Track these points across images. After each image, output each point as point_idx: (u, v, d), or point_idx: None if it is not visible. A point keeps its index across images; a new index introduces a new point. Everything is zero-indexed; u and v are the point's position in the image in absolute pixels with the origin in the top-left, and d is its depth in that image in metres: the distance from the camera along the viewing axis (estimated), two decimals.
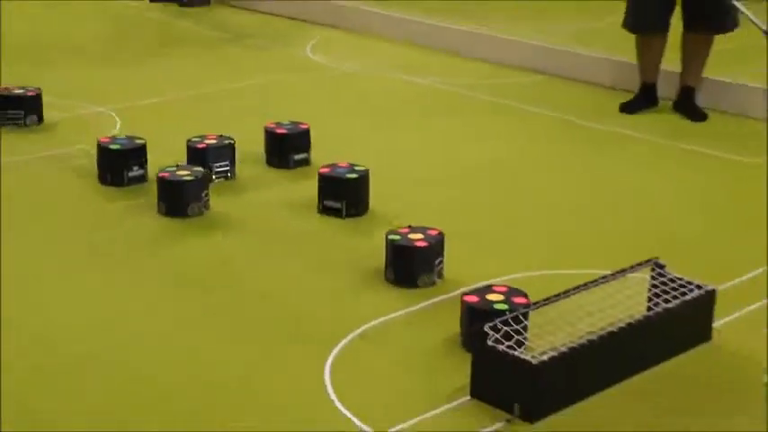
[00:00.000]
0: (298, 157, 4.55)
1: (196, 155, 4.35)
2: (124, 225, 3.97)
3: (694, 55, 5.43)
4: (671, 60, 5.54)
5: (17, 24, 7.63)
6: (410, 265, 3.49)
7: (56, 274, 3.58)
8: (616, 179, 4.64)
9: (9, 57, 6.59)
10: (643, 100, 5.59)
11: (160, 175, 4.02)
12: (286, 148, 4.57)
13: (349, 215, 4.01)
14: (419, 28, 7.08)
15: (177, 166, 4.09)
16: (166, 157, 4.28)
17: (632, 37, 5.50)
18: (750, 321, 3.29)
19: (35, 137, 4.99)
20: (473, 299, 3.10)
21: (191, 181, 3.97)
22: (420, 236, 3.53)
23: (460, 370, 2.85)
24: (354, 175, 4.06)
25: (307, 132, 4.65)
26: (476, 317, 3.01)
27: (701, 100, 5.50)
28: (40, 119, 5.13)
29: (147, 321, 3.26)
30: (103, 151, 4.32)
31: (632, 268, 3.16)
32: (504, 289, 3.17)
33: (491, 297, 3.11)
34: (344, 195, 4.02)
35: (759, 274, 3.60)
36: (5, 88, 5.18)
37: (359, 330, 3.18)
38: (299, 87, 6.10)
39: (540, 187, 4.54)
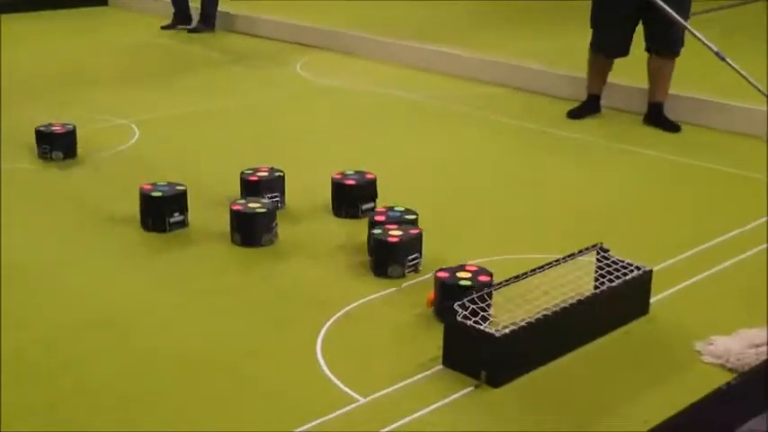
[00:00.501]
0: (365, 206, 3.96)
1: (249, 187, 3.98)
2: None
3: (660, 74, 5.36)
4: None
5: (52, 52, 7.61)
6: (384, 257, 3.43)
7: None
8: (566, 176, 4.62)
9: (44, 80, 6.57)
10: (589, 107, 5.58)
11: (233, 207, 3.69)
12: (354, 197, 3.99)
13: None
14: (400, 49, 7.06)
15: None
16: (184, 163, 4.22)
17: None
18: (681, 297, 3.28)
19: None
20: (444, 275, 3.10)
21: (263, 213, 3.66)
22: (399, 233, 3.47)
23: (433, 343, 2.83)
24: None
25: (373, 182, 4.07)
26: (445, 291, 3.03)
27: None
28: (67, 155, 4.65)
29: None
30: (145, 198, 3.84)
31: (581, 252, 3.14)
32: (473, 268, 3.16)
33: (460, 274, 3.11)
34: None
35: (688, 256, 3.59)
36: (49, 125, 4.74)
37: (346, 309, 3.16)
38: (289, 100, 6.05)
39: (503, 186, 4.52)
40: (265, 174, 4.02)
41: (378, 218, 3.60)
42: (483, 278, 3.09)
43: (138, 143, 5.02)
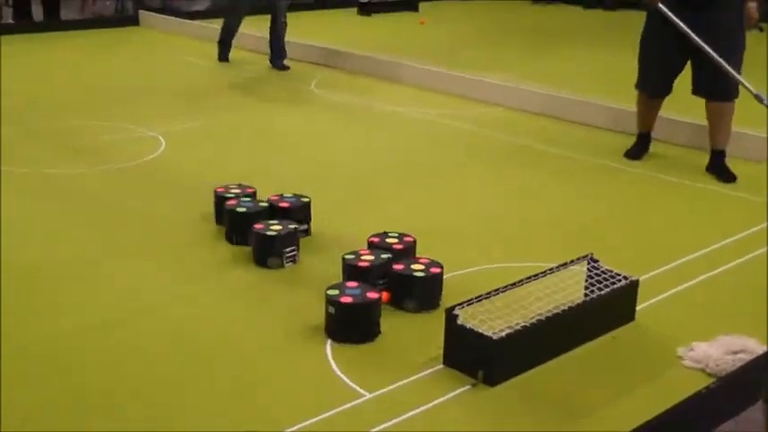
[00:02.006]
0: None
1: (274, 212, 3.78)
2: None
3: (717, 120, 4.84)
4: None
5: (86, 68, 7.63)
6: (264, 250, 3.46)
7: None
8: (554, 191, 4.61)
9: (79, 93, 6.59)
10: (642, 146, 5.18)
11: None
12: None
13: None
14: (407, 71, 7.07)
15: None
16: (206, 170, 4.20)
17: None
18: (666, 305, 3.27)
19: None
20: (399, 266, 3.20)
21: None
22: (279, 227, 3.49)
23: (435, 344, 2.83)
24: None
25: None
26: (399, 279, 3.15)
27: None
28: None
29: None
30: (230, 213, 3.74)
31: (572, 262, 3.15)
32: (426, 261, 3.26)
33: (414, 266, 3.20)
34: None
35: (672, 267, 3.58)
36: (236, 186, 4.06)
37: None
38: (304, 114, 6.08)
39: (506, 202, 4.51)
40: (292, 199, 3.85)
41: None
42: (434, 269, 3.19)
43: (164, 153, 5.05)
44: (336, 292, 2.98)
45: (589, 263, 3.15)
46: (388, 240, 3.47)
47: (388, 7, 11.07)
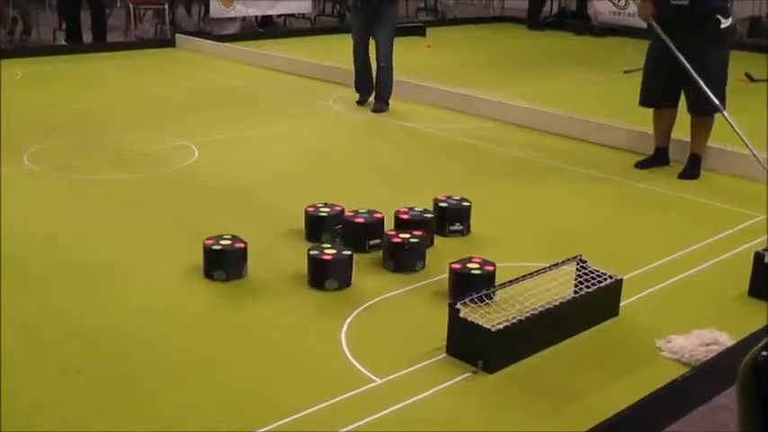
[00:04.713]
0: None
1: (313, 223, 3.73)
2: None
3: (694, 131, 4.85)
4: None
5: (125, 86, 7.65)
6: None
7: None
8: (554, 198, 4.60)
9: (120, 109, 6.61)
10: (654, 160, 5.02)
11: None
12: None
13: None
14: (408, 87, 7.05)
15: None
16: (236, 176, 4.19)
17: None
18: (646, 302, 3.27)
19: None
20: (457, 266, 3.19)
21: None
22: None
23: (439, 335, 2.83)
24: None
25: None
26: (458, 278, 3.15)
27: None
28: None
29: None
30: (348, 224, 3.67)
31: (563, 263, 3.15)
32: (479, 260, 3.25)
33: (470, 265, 3.20)
34: None
35: (651, 269, 3.57)
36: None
37: (368, 304, 3.16)
38: (322, 128, 6.09)
39: (503, 207, 4.49)
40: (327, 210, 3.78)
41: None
42: (488, 267, 3.19)
43: (197, 161, 5.07)
44: None
45: (578, 263, 3.15)
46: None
47: (398, 32, 11.04)
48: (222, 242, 3.37)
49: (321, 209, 3.78)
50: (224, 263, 3.32)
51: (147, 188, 4.54)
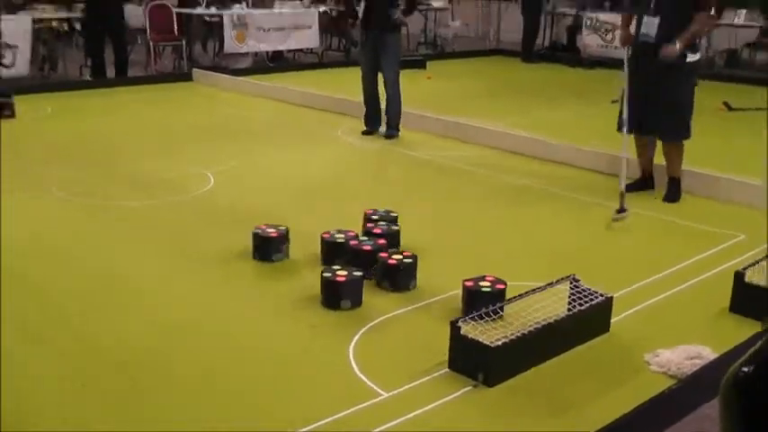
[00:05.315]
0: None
1: (330, 249, 3.77)
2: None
3: (665, 155, 4.96)
4: None
5: (144, 118, 7.74)
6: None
7: None
8: (550, 226, 4.64)
9: (138, 139, 6.70)
10: (641, 184, 5.10)
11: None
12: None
13: None
14: (412, 119, 7.12)
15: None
16: (249, 203, 4.23)
17: None
18: (635, 319, 3.30)
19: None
20: (470, 283, 3.26)
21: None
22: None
23: (441, 351, 2.87)
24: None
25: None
26: (471, 295, 3.22)
27: None
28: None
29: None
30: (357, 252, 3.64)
31: (557, 282, 3.19)
32: (491, 278, 3.31)
33: (482, 283, 3.26)
34: None
35: (640, 287, 3.61)
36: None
37: (373, 323, 3.21)
38: (332, 157, 6.16)
39: (501, 230, 4.55)
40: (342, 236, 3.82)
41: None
42: (499, 285, 3.24)
43: (213, 188, 5.14)
44: None
45: (571, 282, 3.19)
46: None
47: (401, 65, 11.14)
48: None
49: (336, 235, 3.83)
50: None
51: (163, 213, 4.61)
